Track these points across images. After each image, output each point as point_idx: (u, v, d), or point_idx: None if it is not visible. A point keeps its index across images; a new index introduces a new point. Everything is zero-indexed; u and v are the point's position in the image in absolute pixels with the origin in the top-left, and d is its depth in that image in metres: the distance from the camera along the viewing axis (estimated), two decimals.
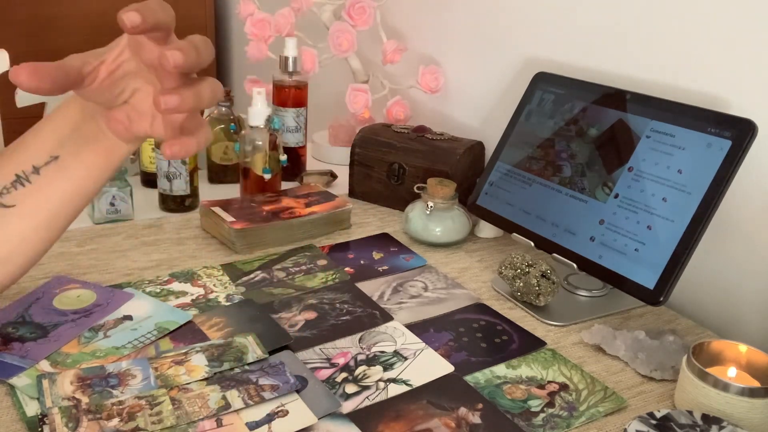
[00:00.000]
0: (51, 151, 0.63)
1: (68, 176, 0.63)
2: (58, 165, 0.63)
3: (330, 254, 0.98)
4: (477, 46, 1.25)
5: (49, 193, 0.63)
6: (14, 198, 0.62)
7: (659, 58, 0.93)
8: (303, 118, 1.26)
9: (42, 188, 0.63)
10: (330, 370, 0.72)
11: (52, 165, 0.63)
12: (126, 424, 0.61)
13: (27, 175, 0.62)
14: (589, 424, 0.67)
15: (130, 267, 0.91)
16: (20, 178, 0.62)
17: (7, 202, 0.62)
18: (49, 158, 0.63)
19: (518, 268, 0.86)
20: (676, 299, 0.92)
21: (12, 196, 0.62)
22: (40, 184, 0.63)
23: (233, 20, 2.29)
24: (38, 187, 0.63)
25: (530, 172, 0.97)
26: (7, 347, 0.71)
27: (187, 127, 0.61)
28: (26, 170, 0.62)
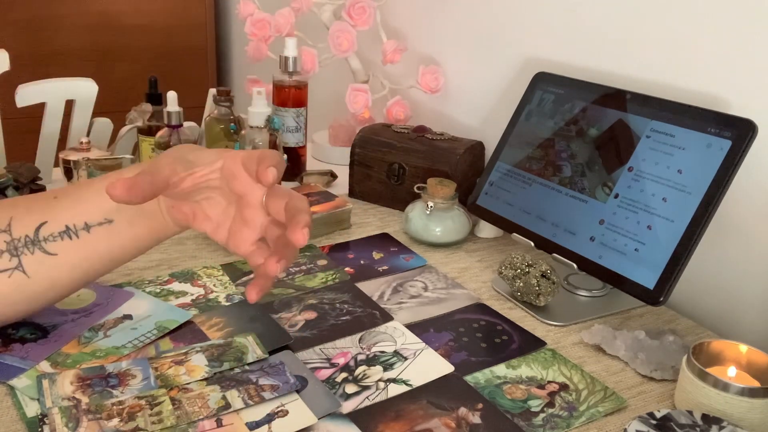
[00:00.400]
0: (107, 213, 0.63)
1: (116, 240, 0.64)
2: (111, 228, 0.63)
3: (330, 254, 0.98)
4: (477, 46, 1.25)
5: (93, 252, 0.63)
6: (58, 248, 0.62)
7: (659, 58, 0.93)
8: (303, 118, 1.26)
9: (88, 245, 0.63)
10: (330, 370, 0.72)
11: (105, 226, 0.63)
12: (126, 424, 0.61)
13: (77, 230, 0.62)
14: (589, 424, 0.67)
15: (130, 267, 0.91)
16: (69, 231, 0.62)
17: (50, 250, 0.62)
18: (103, 220, 0.63)
19: (518, 268, 0.86)
20: (676, 299, 0.92)
21: (57, 245, 0.62)
22: (87, 240, 0.63)
23: (233, 20, 2.29)
24: (84, 243, 0.63)
25: (530, 172, 0.97)
26: (8, 348, 0.71)
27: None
28: (78, 224, 0.62)
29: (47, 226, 0.62)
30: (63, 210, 0.63)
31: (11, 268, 0.62)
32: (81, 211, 0.63)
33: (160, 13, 2.16)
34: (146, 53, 2.15)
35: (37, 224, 0.62)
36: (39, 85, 1.28)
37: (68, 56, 2.03)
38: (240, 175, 0.62)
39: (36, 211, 0.63)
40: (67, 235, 0.62)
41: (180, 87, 1.21)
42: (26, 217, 0.63)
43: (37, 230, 0.62)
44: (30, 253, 0.61)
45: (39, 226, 0.62)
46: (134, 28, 2.13)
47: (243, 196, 0.63)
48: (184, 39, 2.22)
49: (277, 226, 0.63)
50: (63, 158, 1.13)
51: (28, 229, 0.62)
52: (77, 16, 2.03)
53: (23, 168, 1.03)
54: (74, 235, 0.62)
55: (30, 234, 0.61)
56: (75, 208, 0.63)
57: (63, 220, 0.62)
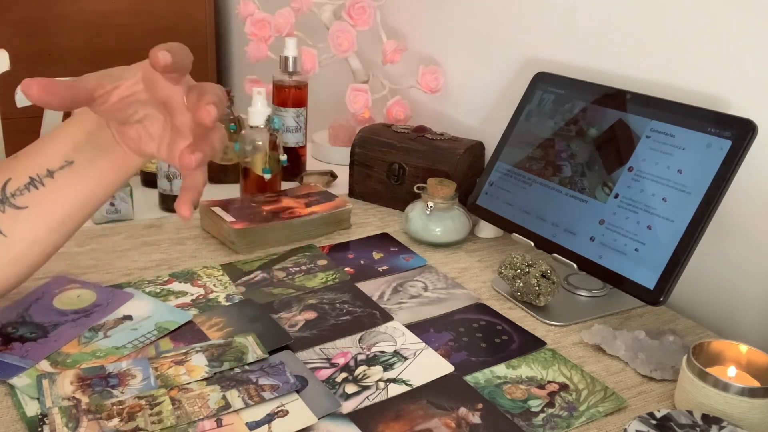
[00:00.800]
0: (66, 155, 0.63)
1: (81, 181, 0.64)
2: (73, 169, 0.63)
3: (330, 254, 0.98)
4: (477, 46, 1.25)
5: (61, 196, 0.63)
6: (27, 200, 0.62)
7: (659, 58, 0.93)
8: (303, 118, 1.26)
9: (55, 191, 0.63)
10: (330, 370, 0.72)
11: (66, 169, 0.63)
12: (126, 424, 0.61)
13: (41, 178, 0.63)
14: (589, 424, 0.67)
15: (130, 267, 0.91)
16: (34, 181, 0.62)
17: (19, 204, 0.62)
18: (64, 162, 0.63)
19: (518, 268, 0.86)
20: (676, 299, 0.92)
21: (25, 198, 0.62)
22: (53, 187, 0.63)
23: (233, 20, 2.29)
24: (51, 190, 0.63)
25: (530, 172, 0.97)
26: (8, 347, 0.71)
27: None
28: (40, 173, 0.63)
29: (12, 182, 0.62)
30: (25, 163, 0.63)
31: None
32: (42, 161, 0.63)
33: (160, 13, 2.16)
34: (146, 53, 2.14)
35: (2, 183, 0.62)
36: None
37: (68, 56, 2.03)
38: (158, 79, 0.61)
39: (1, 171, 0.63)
40: (33, 185, 0.62)
41: None
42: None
43: (3, 188, 0.62)
44: (2, 212, 0.61)
45: (5, 184, 0.62)
46: (134, 28, 2.12)
47: (167, 101, 0.62)
48: (184, 39, 2.19)
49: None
50: None
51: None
52: (77, 16, 2.03)
53: None
54: (39, 184, 0.62)
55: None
56: (36, 159, 0.63)
57: (26, 172, 0.62)
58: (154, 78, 0.62)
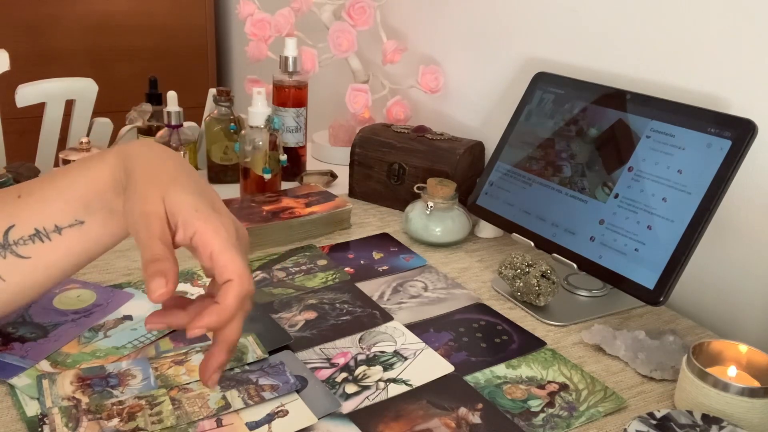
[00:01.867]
0: (76, 214, 0.60)
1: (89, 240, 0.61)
2: (82, 230, 0.61)
3: (330, 254, 0.98)
4: (477, 46, 1.25)
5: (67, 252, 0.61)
6: (30, 251, 0.60)
7: (659, 58, 0.93)
8: (303, 118, 1.26)
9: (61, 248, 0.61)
10: (330, 370, 0.72)
11: (75, 228, 0.60)
12: (126, 424, 0.61)
13: (48, 233, 0.60)
14: (589, 424, 0.67)
15: (130, 267, 0.91)
16: (40, 234, 0.60)
17: (22, 254, 0.60)
18: (74, 221, 0.60)
19: (518, 268, 0.86)
20: (676, 299, 0.92)
21: (28, 248, 0.60)
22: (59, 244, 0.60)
23: (233, 20, 2.29)
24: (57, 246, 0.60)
25: (530, 172, 0.97)
26: (7, 347, 0.71)
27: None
28: (47, 227, 0.60)
29: (15, 229, 0.60)
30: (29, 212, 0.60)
31: None
32: (48, 213, 0.60)
33: (160, 13, 2.16)
34: (146, 53, 2.15)
35: (5, 228, 0.59)
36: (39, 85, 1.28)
37: (68, 56, 2.03)
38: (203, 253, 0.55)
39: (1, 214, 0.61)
40: (38, 237, 0.60)
41: (180, 87, 1.21)
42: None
43: (5, 234, 0.59)
44: (2, 258, 0.59)
45: (7, 230, 0.59)
46: (134, 28, 2.13)
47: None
48: (184, 39, 2.22)
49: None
50: (63, 158, 1.13)
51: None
52: (77, 16, 2.03)
53: (23, 168, 1.04)
54: (45, 237, 0.60)
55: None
56: (42, 210, 0.60)
57: (31, 223, 0.60)
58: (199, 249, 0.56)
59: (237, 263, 0.53)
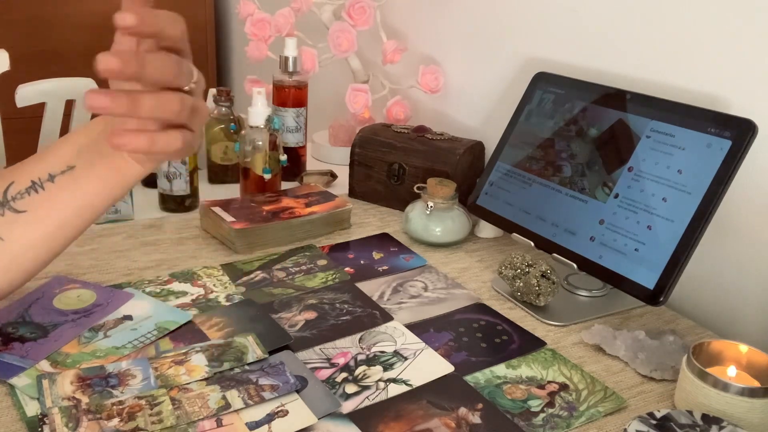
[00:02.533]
0: (68, 160, 0.63)
1: (80, 187, 0.63)
2: (73, 175, 0.63)
3: (330, 254, 0.98)
4: (477, 46, 1.25)
5: (60, 201, 0.63)
6: (26, 204, 0.62)
7: (660, 58, 0.93)
8: (303, 118, 1.26)
9: (54, 196, 0.63)
10: (330, 370, 0.72)
11: (67, 174, 0.63)
12: (126, 424, 0.61)
13: (42, 182, 0.63)
14: (589, 424, 0.67)
15: (130, 267, 0.91)
16: (35, 185, 0.62)
17: (18, 208, 0.62)
18: (65, 167, 0.63)
19: (518, 268, 0.86)
20: (676, 299, 0.92)
21: (24, 201, 0.62)
22: (52, 191, 0.63)
23: (233, 20, 2.29)
24: (50, 194, 0.63)
25: (530, 172, 0.97)
26: (7, 347, 0.71)
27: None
28: (42, 177, 0.63)
29: (14, 185, 0.62)
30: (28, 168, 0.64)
31: None
32: (44, 165, 0.63)
33: None
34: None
35: (5, 186, 0.63)
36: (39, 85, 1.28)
37: (68, 56, 2.03)
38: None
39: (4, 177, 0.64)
40: (33, 189, 0.62)
41: None
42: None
43: (5, 192, 0.62)
44: (1, 215, 0.62)
45: (7, 188, 0.62)
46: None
47: None
48: None
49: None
50: None
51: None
52: (77, 16, 2.03)
53: None
54: (40, 188, 0.63)
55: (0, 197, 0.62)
56: (38, 164, 0.63)
57: (28, 176, 0.63)
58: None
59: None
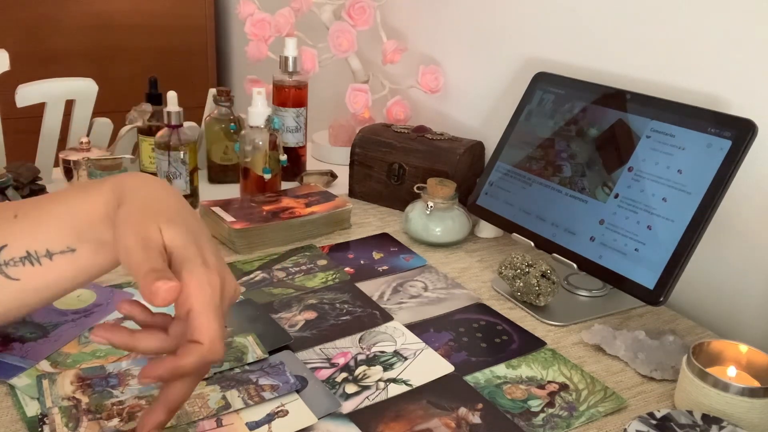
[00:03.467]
0: (68, 242, 0.60)
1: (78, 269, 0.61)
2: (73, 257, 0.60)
3: (330, 254, 0.98)
4: (477, 46, 1.25)
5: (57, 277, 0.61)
6: (20, 273, 0.60)
7: (660, 58, 0.93)
8: (303, 118, 1.26)
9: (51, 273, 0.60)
10: (330, 370, 0.72)
11: (67, 255, 0.60)
12: (126, 424, 0.61)
13: (39, 257, 0.60)
14: (589, 424, 0.67)
15: None
16: (30, 257, 0.60)
17: (11, 275, 0.59)
18: (65, 248, 0.60)
19: (518, 268, 0.86)
20: (676, 299, 0.92)
21: (18, 270, 0.60)
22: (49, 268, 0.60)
23: (233, 20, 2.29)
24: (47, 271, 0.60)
25: (530, 172, 0.97)
26: (7, 347, 0.71)
27: None
28: (39, 251, 0.60)
29: (8, 249, 0.59)
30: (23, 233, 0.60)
31: None
32: (42, 238, 0.60)
33: (160, 13, 2.16)
34: (146, 53, 2.15)
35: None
36: (39, 85, 1.28)
37: (68, 56, 2.03)
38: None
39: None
40: (29, 261, 0.59)
41: (180, 87, 1.21)
42: None
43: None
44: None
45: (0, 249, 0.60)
46: (134, 28, 2.12)
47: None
48: (184, 39, 2.22)
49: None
50: (63, 158, 1.13)
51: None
52: (77, 16, 2.03)
53: (23, 168, 1.03)
54: (36, 261, 0.60)
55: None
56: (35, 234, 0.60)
57: (23, 245, 0.59)
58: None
59: (212, 329, 0.51)
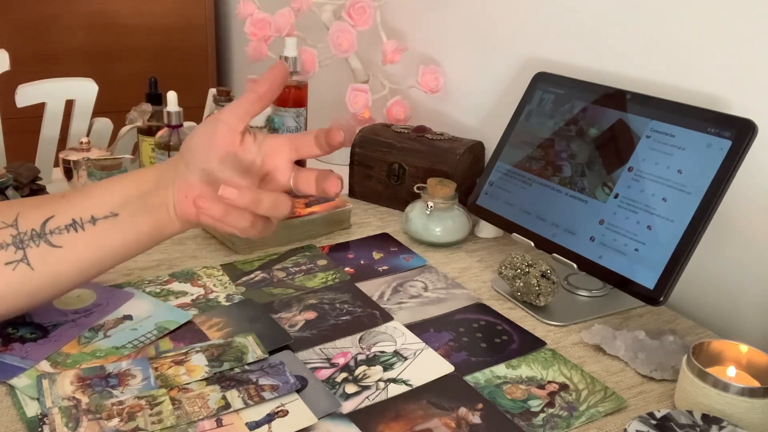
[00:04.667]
0: (113, 207, 0.64)
1: (120, 235, 0.65)
2: (115, 221, 0.64)
3: (330, 254, 0.98)
4: (477, 46, 1.25)
5: (97, 244, 0.64)
6: (64, 240, 0.63)
7: (659, 58, 0.93)
8: (303, 118, 1.26)
9: (93, 238, 0.64)
10: (330, 370, 0.72)
11: (110, 220, 0.64)
12: (126, 424, 0.61)
13: (83, 223, 0.64)
14: (589, 424, 0.67)
15: (130, 267, 0.91)
16: (75, 224, 0.63)
17: (56, 243, 0.63)
18: (109, 213, 0.64)
19: (518, 268, 0.86)
20: (676, 299, 0.92)
21: (62, 238, 0.63)
22: (92, 233, 0.64)
23: (233, 20, 2.29)
24: (90, 236, 0.64)
25: (530, 172, 0.97)
26: (7, 347, 0.71)
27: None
28: (84, 218, 0.64)
29: (54, 219, 0.63)
30: (71, 205, 0.64)
31: (16, 260, 0.63)
32: (88, 206, 0.64)
33: (160, 13, 2.16)
34: (146, 53, 2.15)
35: (44, 218, 0.63)
36: (39, 85, 1.28)
37: (68, 56, 2.03)
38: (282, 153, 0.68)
39: (44, 207, 0.64)
40: (73, 228, 0.63)
41: (180, 87, 1.21)
42: (33, 213, 0.64)
43: (44, 224, 0.63)
44: (35, 246, 0.63)
45: (46, 220, 0.63)
46: (134, 28, 2.13)
47: (273, 172, 0.69)
48: (184, 39, 2.22)
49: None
50: (63, 158, 1.13)
51: (35, 223, 0.63)
52: (77, 16, 2.03)
53: (23, 168, 1.03)
54: (80, 227, 0.63)
55: (36, 228, 0.63)
56: (82, 203, 0.64)
57: (70, 214, 0.63)
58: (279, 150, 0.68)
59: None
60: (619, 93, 0.91)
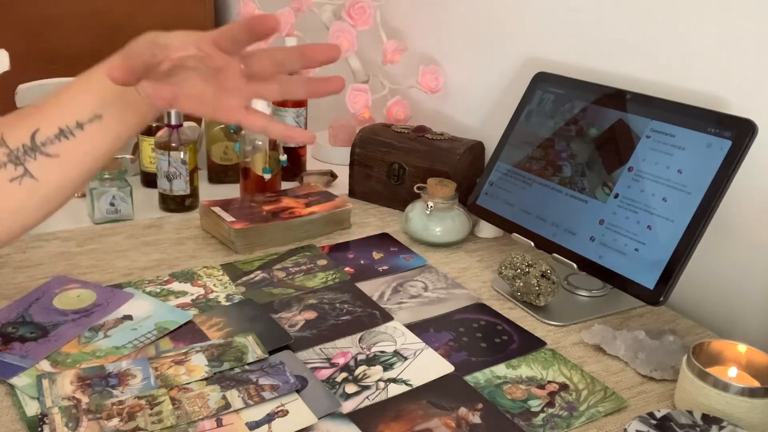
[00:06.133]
0: (95, 109, 0.65)
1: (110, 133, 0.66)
2: (102, 123, 0.65)
3: (330, 254, 0.98)
4: (477, 46, 1.25)
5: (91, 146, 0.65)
6: (58, 149, 0.64)
7: (659, 58, 0.93)
8: (303, 118, 1.26)
9: (85, 142, 0.65)
10: (330, 370, 0.72)
11: (95, 122, 0.65)
12: (126, 424, 0.61)
13: (71, 129, 0.64)
14: (589, 424, 0.67)
15: (130, 267, 0.91)
16: (64, 132, 0.64)
17: (51, 152, 0.63)
18: (92, 116, 0.64)
19: (518, 268, 0.86)
20: (676, 299, 0.92)
21: (56, 147, 0.64)
22: (83, 138, 0.64)
23: (233, 20, 2.28)
24: (81, 140, 0.64)
25: (530, 172, 0.97)
26: (8, 347, 0.71)
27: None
28: (70, 125, 0.64)
29: (40, 132, 0.63)
30: (50, 114, 0.64)
31: (20, 176, 0.63)
32: (69, 112, 0.64)
33: (160, 12, 2.16)
34: None
35: (30, 132, 0.63)
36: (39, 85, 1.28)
37: (68, 56, 2.03)
38: (214, 53, 0.63)
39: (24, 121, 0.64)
40: (63, 135, 0.64)
41: None
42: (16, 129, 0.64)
43: (32, 137, 0.63)
44: (33, 159, 0.63)
45: (33, 134, 0.63)
46: (134, 28, 2.12)
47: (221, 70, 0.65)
48: None
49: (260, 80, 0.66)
50: None
51: (23, 138, 0.63)
52: (77, 16, 2.03)
53: None
54: (70, 134, 0.64)
55: (27, 142, 0.63)
56: (62, 111, 0.64)
57: (54, 123, 0.64)
58: (210, 52, 0.64)
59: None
60: (619, 93, 0.91)
